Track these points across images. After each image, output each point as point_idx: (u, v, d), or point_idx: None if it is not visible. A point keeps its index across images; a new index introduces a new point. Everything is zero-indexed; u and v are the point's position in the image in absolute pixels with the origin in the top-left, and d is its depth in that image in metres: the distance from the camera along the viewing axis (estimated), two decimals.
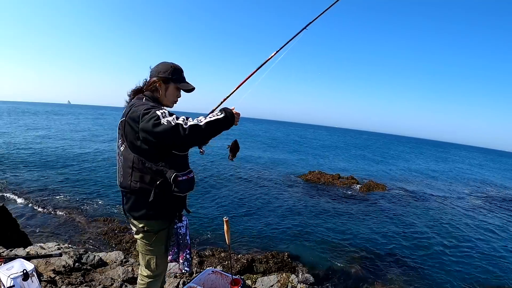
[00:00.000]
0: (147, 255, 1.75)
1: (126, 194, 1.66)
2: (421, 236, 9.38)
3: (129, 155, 1.57)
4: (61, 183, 10.91)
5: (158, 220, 1.68)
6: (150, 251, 1.73)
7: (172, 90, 1.70)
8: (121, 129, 1.60)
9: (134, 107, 1.55)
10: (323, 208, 11.15)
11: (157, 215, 1.65)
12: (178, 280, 3.23)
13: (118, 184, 1.69)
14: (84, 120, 49.26)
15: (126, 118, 1.55)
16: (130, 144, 1.56)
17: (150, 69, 1.72)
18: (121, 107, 1.74)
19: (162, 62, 1.71)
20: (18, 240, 4.30)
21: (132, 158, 1.56)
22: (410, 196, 15.00)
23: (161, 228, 1.70)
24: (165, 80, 1.67)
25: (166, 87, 1.68)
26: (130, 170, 1.57)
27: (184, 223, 1.77)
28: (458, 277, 6.97)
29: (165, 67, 1.68)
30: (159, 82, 1.66)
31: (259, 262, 6.31)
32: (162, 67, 1.68)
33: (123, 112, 1.64)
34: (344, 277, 6.36)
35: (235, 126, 1.59)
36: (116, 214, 8.32)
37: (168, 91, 1.69)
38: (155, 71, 1.68)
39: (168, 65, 1.69)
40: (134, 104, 1.58)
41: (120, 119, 1.65)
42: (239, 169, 16.68)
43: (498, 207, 15.10)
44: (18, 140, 19.31)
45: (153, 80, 1.66)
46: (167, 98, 1.71)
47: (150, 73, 1.71)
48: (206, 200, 10.51)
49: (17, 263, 2.03)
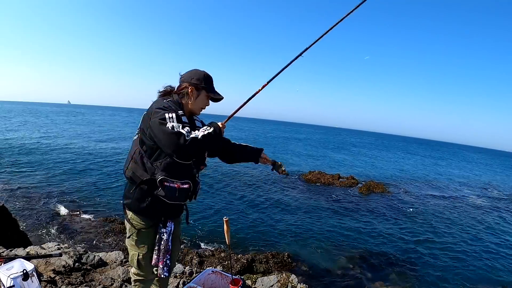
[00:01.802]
0: (130, 250, 1.79)
1: (128, 182, 1.74)
2: (421, 236, 9.38)
3: (136, 146, 1.67)
4: (61, 183, 10.91)
5: (139, 215, 1.70)
6: (132, 246, 1.76)
7: (202, 97, 1.73)
8: (141, 121, 1.68)
9: (154, 103, 1.64)
10: (323, 208, 11.15)
11: (139, 210, 1.69)
12: (178, 280, 3.23)
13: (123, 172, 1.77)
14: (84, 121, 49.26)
15: (147, 112, 1.63)
16: (142, 136, 1.63)
17: (180, 75, 1.77)
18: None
19: (195, 69, 1.76)
20: (18, 240, 4.30)
21: (137, 149, 1.65)
22: (410, 196, 15.00)
23: (143, 227, 1.71)
24: (197, 87, 1.70)
25: (197, 94, 1.72)
26: (131, 158, 1.67)
27: (168, 229, 1.75)
28: (458, 277, 6.98)
29: (199, 75, 1.72)
30: (191, 88, 1.69)
31: (259, 262, 6.31)
32: (195, 74, 1.72)
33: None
34: (344, 277, 6.36)
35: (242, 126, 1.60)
36: (116, 214, 8.32)
37: (198, 98, 1.73)
38: (188, 77, 1.72)
39: (202, 73, 1.73)
40: (156, 101, 1.67)
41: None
42: (238, 169, 16.68)
43: (499, 207, 15.11)
44: (18, 140, 19.31)
45: (185, 86, 1.70)
46: (196, 105, 1.74)
47: (182, 78, 1.75)
48: (205, 200, 10.51)
49: (17, 263, 2.02)
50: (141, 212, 1.70)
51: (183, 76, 1.75)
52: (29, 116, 46.31)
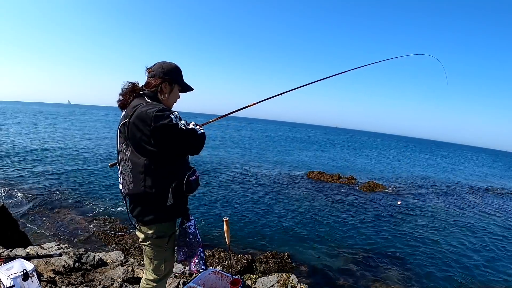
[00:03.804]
0: (155, 260, 1.70)
1: (136, 200, 1.56)
2: (421, 235, 9.37)
3: (139, 160, 1.47)
4: (61, 183, 10.92)
5: (170, 222, 1.66)
6: (160, 255, 1.69)
7: (176, 91, 1.67)
8: (124, 132, 1.49)
9: (140, 107, 1.45)
10: (323, 208, 11.15)
11: (170, 217, 1.63)
12: (178, 280, 3.23)
13: (124, 191, 1.57)
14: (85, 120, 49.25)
15: (131, 119, 1.44)
16: (138, 147, 1.47)
17: (147, 68, 1.63)
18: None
19: (165, 62, 1.64)
20: (18, 240, 4.30)
21: (143, 163, 1.46)
22: (410, 196, 15.00)
23: (173, 231, 1.70)
24: (170, 81, 1.61)
25: (171, 89, 1.63)
26: (143, 175, 1.47)
27: (192, 222, 1.74)
28: (458, 277, 6.97)
29: (170, 68, 1.61)
30: (164, 84, 1.60)
31: (259, 262, 6.30)
32: (167, 67, 1.61)
33: (124, 114, 1.54)
34: (344, 277, 6.36)
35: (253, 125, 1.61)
36: (116, 214, 8.32)
37: (172, 93, 1.65)
38: (159, 71, 1.59)
39: (173, 65, 1.63)
40: (139, 105, 1.47)
41: (120, 121, 1.55)
42: (238, 169, 16.69)
43: (500, 207, 15.10)
44: (18, 140, 19.31)
45: (158, 81, 1.59)
46: (171, 99, 1.66)
47: (151, 72, 1.61)
48: (205, 200, 10.51)
49: (17, 263, 2.03)
50: (171, 218, 1.65)
51: (152, 70, 1.61)
52: (29, 116, 46.32)
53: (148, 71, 1.63)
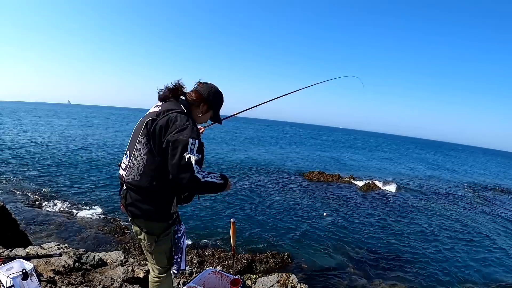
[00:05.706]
0: (155, 253, 1.77)
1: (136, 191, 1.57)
2: (421, 235, 9.38)
3: (155, 158, 1.52)
4: (61, 183, 10.91)
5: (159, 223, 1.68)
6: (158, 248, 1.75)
7: (208, 115, 1.78)
8: (149, 127, 1.53)
9: (172, 112, 1.52)
10: (323, 208, 11.15)
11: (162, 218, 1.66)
12: (178, 280, 3.23)
13: (127, 179, 1.57)
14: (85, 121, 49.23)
15: (161, 121, 1.50)
16: (156, 146, 1.52)
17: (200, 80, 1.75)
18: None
19: (216, 87, 1.75)
20: (18, 240, 4.29)
21: (158, 161, 1.52)
22: (410, 195, 15.00)
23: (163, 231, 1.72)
24: (210, 105, 1.73)
25: (207, 111, 1.74)
26: (153, 173, 1.53)
27: (182, 227, 1.83)
28: (458, 276, 6.97)
29: (217, 95, 1.75)
30: (205, 105, 1.71)
31: (259, 262, 6.31)
32: (215, 93, 1.73)
33: (156, 110, 1.58)
34: (344, 277, 6.36)
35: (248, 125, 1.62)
36: (116, 214, 8.31)
37: (206, 114, 1.76)
38: (206, 92, 1.70)
39: (220, 94, 1.77)
40: (173, 109, 1.55)
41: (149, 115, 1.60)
42: (238, 169, 16.68)
43: (501, 207, 15.10)
44: (18, 140, 19.30)
45: (201, 99, 1.69)
46: (201, 119, 1.76)
47: (200, 88, 1.72)
48: (205, 200, 10.50)
49: (17, 263, 2.03)
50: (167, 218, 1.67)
51: (202, 87, 1.72)
52: (29, 116, 46.29)
53: (198, 84, 1.75)
